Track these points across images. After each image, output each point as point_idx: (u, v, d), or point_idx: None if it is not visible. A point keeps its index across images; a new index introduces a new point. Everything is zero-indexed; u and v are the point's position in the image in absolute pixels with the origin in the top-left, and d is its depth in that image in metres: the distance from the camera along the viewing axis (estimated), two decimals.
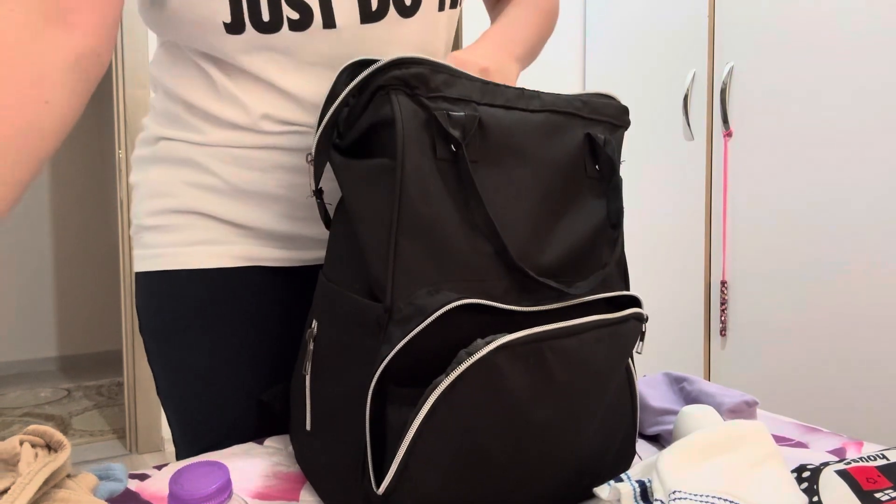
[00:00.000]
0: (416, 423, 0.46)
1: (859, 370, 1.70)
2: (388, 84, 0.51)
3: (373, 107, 0.53)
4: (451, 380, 0.45)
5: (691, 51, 2.12)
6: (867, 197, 1.67)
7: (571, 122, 0.59)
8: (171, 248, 0.71)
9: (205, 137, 0.70)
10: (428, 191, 0.50)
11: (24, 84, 0.53)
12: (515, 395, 0.47)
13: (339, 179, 0.57)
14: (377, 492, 0.47)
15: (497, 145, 0.54)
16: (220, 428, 0.72)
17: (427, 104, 0.51)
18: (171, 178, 0.71)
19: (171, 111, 0.72)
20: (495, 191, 0.53)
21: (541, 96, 0.57)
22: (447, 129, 0.51)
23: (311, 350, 0.59)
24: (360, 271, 0.53)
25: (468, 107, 0.53)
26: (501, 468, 0.49)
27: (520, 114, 0.56)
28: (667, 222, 2.23)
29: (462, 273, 0.50)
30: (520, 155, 0.55)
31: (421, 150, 0.51)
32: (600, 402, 0.54)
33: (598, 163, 0.60)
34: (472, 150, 0.52)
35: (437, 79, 0.52)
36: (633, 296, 0.58)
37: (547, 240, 0.55)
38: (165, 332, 0.72)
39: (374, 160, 0.52)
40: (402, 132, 0.50)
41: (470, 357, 0.46)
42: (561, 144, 0.57)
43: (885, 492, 0.49)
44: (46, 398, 3.51)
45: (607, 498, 0.51)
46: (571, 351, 0.50)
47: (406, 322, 0.47)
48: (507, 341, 0.47)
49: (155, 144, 0.73)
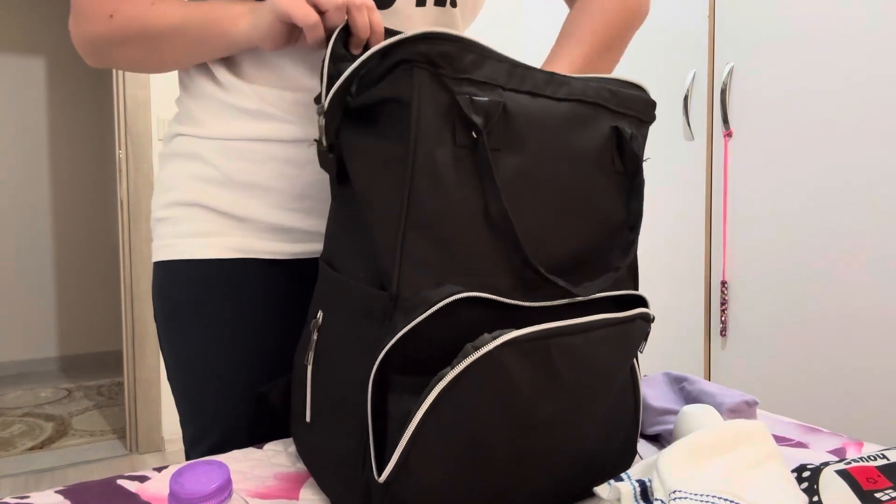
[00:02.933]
0: (419, 414, 0.46)
1: (859, 370, 1.70)
2: (413, 59, 0.48)
3: (392, 78, 0.50)
4: (455, 373, 0.45)
5: (691, 51, 2.12)
6: (867, 197, 1.67)
7: (598, 114, 0.57)
8: (174, 240, 0.74)
9: (206, 130, 0.73)
10: (441, 181, 0.49)
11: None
12: (519, 391, 0.47)
13: (348, 154, 0.55)
14: (378, 480, 0.47)
15: (519, 134, 0.52)
16: (217, 413, 0.74)
17: (450, 86, 0.49)
18: (180, 172, 0.75)
19: (186, 106, 0.75)
20: (513, 181, 0.52)
21: (570, 83, 0.55)
22: (468, 116, 0.49)
23: (315, 340, 0.58)
24: (365, 259, 0.53)
25: (494, 92, 0.51)
26: (502, 463, 0.49)
27: (546, 101, 0.54)
28: (667, 222, 2.23)
29: (470, 266, 0.50)
30: (542, 145, 0.53)
31: (438, 135, 0.49)
32: (604, 400, 0.54)
33: (623, 158, 0.59)
34: (493, 138, 0.51)
35: (464, 58, 0.50)
36: (639, 295, 0.58)
37: (560, 236, 0.54)
38: (167, 319, 0.75)
39: (385, 142, 0.51)
40: (416, 119, 0.48)
41: (476, 351, 0.45)
42: (586, 137, 0.56)
43: (885, 492, 0.49)
44: (47, 398, 3.51)
45: (607, 497, 0.51)
46: (577, 349, 0.50)
47: (410, 311, 0.47)
48: (513, 337, 0.46)
49: (172, 141, 0.77)
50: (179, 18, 0.66)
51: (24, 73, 3.97)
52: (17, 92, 3.96)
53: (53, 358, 4.10)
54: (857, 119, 1.69)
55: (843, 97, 1.72)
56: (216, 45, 0.67)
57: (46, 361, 4.08)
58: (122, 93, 2.61)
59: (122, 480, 0.61)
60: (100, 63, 0.73)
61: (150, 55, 0.70)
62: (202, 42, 0.67)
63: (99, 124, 4.17)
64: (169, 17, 0.67)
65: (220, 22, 0.66)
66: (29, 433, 3.00)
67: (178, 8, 0.67)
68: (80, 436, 2.96)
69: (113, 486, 0.60)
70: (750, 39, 1.93)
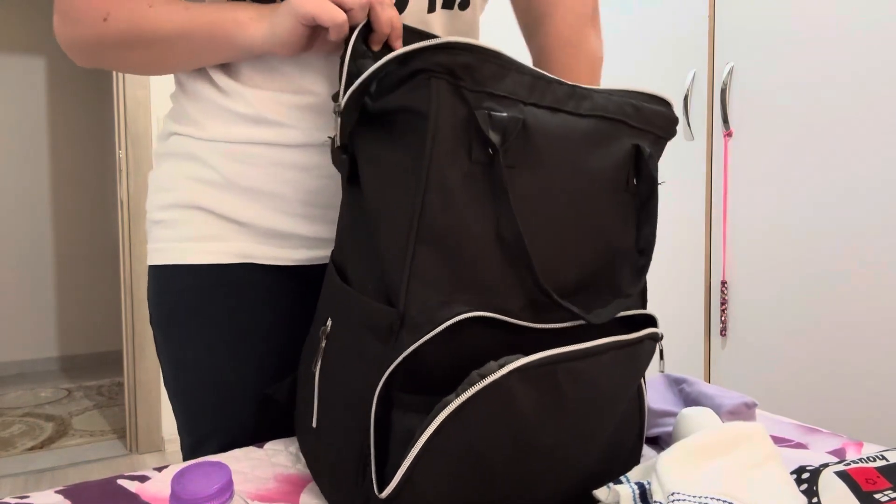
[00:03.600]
0: (423, 439, 0.45)
1: (859, 371, 1.70)
2: (432, 69, 0.47)
3: (410, 87, 0.48)
4: (461, 401, 0.45)
5: (691, 51, 2.12)
6: (868, 197, 1.67)
7: (619, 131, 0.55)
8: (171, 244, 0.72)
9: (205, 132, 0.70)
10: (453, 196, 0.47)
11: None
12: (524, 417, 0.47)
13: (362, 160, 0.54)
14: (379, 495, 0.47)
15: (537, 151, 0.51)
16: (216, 421, 0.73)
17: (469, 99, 0.47)
18: (176, 172, 0.72)
19: (182, 105, 0.73)
20: (528, 199, 0.50)
21: (593, 97, 0.54)
22: (486, 132, 0.48)
23: (323, 348, 0.58)
24: (373, 271, 0.52)
25: (514, 107, 0.49)
26: (505, 485, 0.49)
27: (566, 117, 0.52)
28: (667, 222, 2.23)
29: (479, 285, 0.49)
30: (559, 164, 0.52)
31: (453, 150, 0.47)
32: (609, 422, 0.54)
33: (639, 178, 0.57)
34: (510, 155, 0.49)
35: (485, 70, 0.48)
36: (649, 315, 0.57)
37: (572, 257, 0.53)
38: (164, 324, 0.74)
39: (399, 153, 0.50)
40: (432, 132, 0.47)
41: (482, 379, 0.45)
42: (604, 155, 0.54)
43: (884, 493, 0.49)
44: (47, 398, 3.51)
45: (606, 500, 0.51)
46: (584, 373, 0.49)
47: (417, 329, 0.46)
48: (520, 365, 0.45)
49: (167, 140, 0.75)
50: (182, 23, 0.64)
51: (24, 73, 3.97)
52: (17, 92, 3.96)
53: (53, 358, 4.10)
54: (857, 119, 1.69)
55: (843, 97, 1.72)
56: (223, 51, 0.65)
57: (46, 361, 4.08)
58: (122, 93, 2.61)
59: (123, 480, 0.61)
60: (91, 64, 0.71)
61: (148, 59, 0.67)
62: (207, 48, 0.65)
63: (99, 124, 4.17)
64: (170, 21, 0.64)
65: (227, 27, 0.64)
66: (29, 433, 3.00)
67: (181, 12, 0.65)
68: (80, 436, 2.96)
69: (113, 486, 0.60)
70: (750, 39, 1.93)
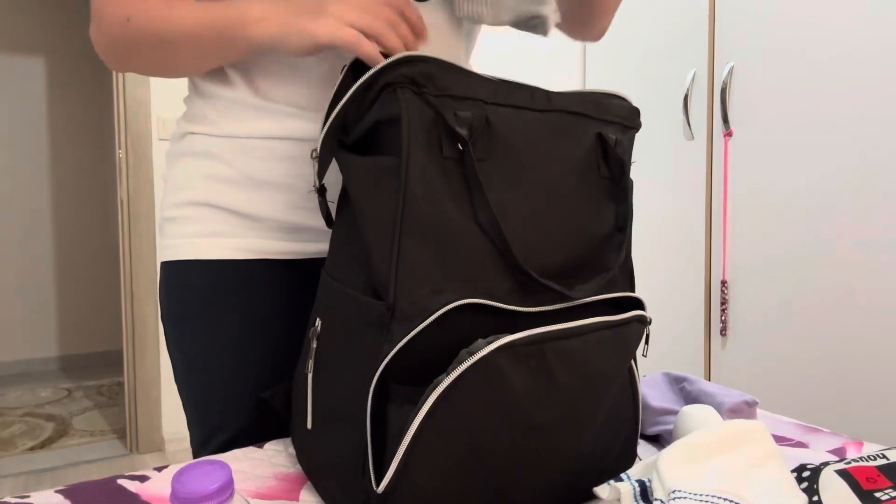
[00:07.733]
0: (417, 422, 0.46)
1: (859, 370, 1.70)
2: (396, 81, 0.50)
3: (379, 104, 0.52)
4: (451, 379, 0.45)
5: (691, 51, 2.12)
6: (868, 196, 1.67)
7: (582, 123, 0.58)
8: (184, 240, 0.74)
9: (220, 129, 0.72)
10: (433, 190, 0.50)
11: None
12: (516, 396, 0.47)
13: (345, 176, 0.56)
14: (377, 491, 0.47)
15: (504, 144, 0.53)
16: (227, 414, 0.73)
17: (433, 102, 0.51)
18: (192, 170, 0.74)
19: (196, 106, 0.74)
20: (501, 190, 0.53)
21: (552, 97, 0.56)
22: (453, 128, 0.50)
23: (315, 348, 0.59)
24: (363, 269, 0.53)
25: (476, 105, 0.52)
26: (501, 469, 0.49)
27: (529, 113, 0.55)
28: (667, 222, 2.23)
29: (465, 273, 0.50)
30: (527, 154, 0.54)
31: (427, 148, 0.50)
32: (602, 404, 0.54)
33: (608, 164, 0.59)
34: (478, 149, 0.52)
35: (445, 78, 0.51)
36: (635, 297, 0.58)
37: (552, 241, 0.55)
38: (176, 319, 0.75)
39: (379, 157, 0.52)
40: (407, 131, 0.49)
41: (471, 356, 0.46)
42: (571, 144, 0.57)
43: (885, 491, 0.49)
44: (47, 398, 3.51)
45: (607, 497, 0.52)
46: (573, 352, 0.50)
47: (408, 321, 0.47)
48: (508, 341, 0.46)
49: (181, 140, 0.76)
50: (196, 21, 0.65)
51: (24, 73, 3.97)
52: (17, 92, 3.96)
53: (53, 358, 4.10)
54: (857, 118, 1.69)
55: (843, 97, 1.72)
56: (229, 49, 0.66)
57: (46, 361, 4.08)
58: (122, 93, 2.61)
59: (123, 480, 0.61)
60: (122, 67, 0.71)
61: (166, 59, 0.68)
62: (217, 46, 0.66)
63: (99, 124, 4.18)
64: (183, 20, 0.65)
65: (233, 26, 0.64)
66: (29, 433, 3.00)
67: (194, 11, 0.65)
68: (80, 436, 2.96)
69: (113, 486, 0.60)
70: (750, 39, 1.93)
